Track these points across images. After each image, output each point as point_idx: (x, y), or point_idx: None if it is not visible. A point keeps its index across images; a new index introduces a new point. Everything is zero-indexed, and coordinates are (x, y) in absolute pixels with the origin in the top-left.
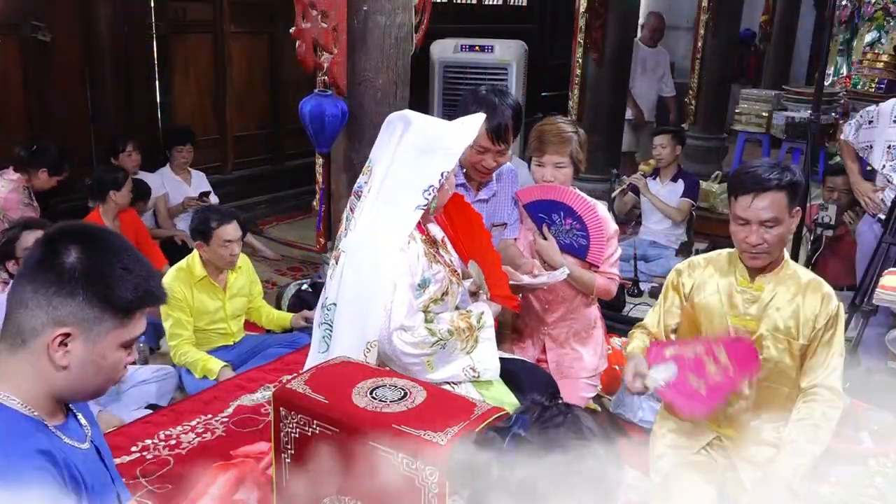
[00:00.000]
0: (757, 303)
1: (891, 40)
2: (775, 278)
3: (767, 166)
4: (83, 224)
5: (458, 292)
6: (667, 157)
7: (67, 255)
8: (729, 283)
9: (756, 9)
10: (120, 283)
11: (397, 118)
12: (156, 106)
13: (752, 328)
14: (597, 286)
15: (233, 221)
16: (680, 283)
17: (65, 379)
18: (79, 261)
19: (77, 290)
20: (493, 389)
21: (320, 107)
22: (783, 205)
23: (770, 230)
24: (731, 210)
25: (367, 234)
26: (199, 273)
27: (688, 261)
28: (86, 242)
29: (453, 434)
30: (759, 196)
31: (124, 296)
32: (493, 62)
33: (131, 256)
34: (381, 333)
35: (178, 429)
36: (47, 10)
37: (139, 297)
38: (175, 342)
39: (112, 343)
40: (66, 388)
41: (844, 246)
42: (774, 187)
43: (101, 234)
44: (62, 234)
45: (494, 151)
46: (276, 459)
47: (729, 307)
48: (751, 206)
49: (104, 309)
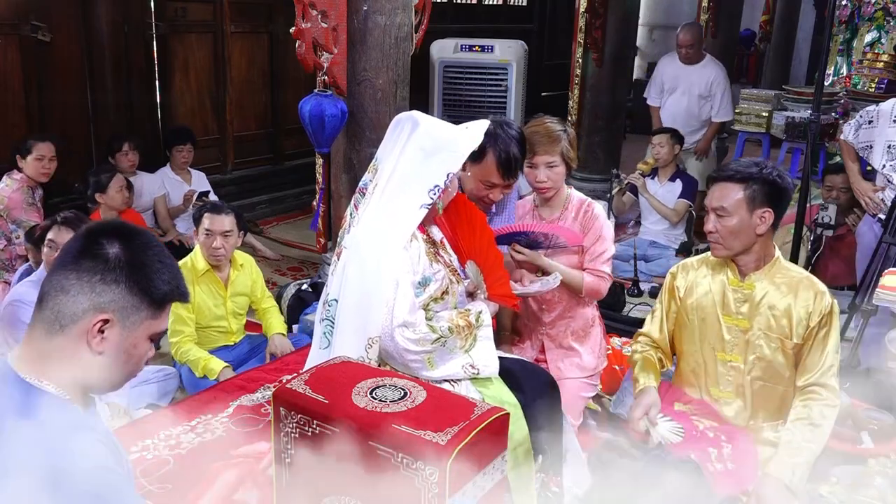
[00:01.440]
0: (748, 301)
1: (891, 40)
2: (766, 276)
3: (742, 162)
4: (120, 221)
5: (458, 291)
6: (665, 156)
7: (111, 246)
8: (721, 282)
9: (756, 9)
10: (158, 275)
11: (406, 118)
12: (156, 106)
13: (745, 327)
14: (585, 284)
15: (221, 214)
16: (674, 286)
17: (98, 365)
18: (122, 251)
19: (121, 279)
20: (493, 388)
21: (320, 107)
22: (737, 198)
23: (721, 220)
24: None
25: (371, 231)
26: (201, 267)
27: (682, 262)
28: (125, 236)
29: (453, 434)
30: (715, 184)
31: (161, 287)
32: (493, 62)
33: (164, 252)
34: (384, 330)
35: (178, 429)
36: (47, 10)
37: (172, 290)
38: (176, 339)
39: (144, 333)
40: (96, 376)
41: (844, 246)
42: (727, 178)
43: (137, 229)
44: (103, 228)
45: (502, 186)
46: (276, 459)
47: (721, 307)
48: (709, 193)
49: (142, 298)
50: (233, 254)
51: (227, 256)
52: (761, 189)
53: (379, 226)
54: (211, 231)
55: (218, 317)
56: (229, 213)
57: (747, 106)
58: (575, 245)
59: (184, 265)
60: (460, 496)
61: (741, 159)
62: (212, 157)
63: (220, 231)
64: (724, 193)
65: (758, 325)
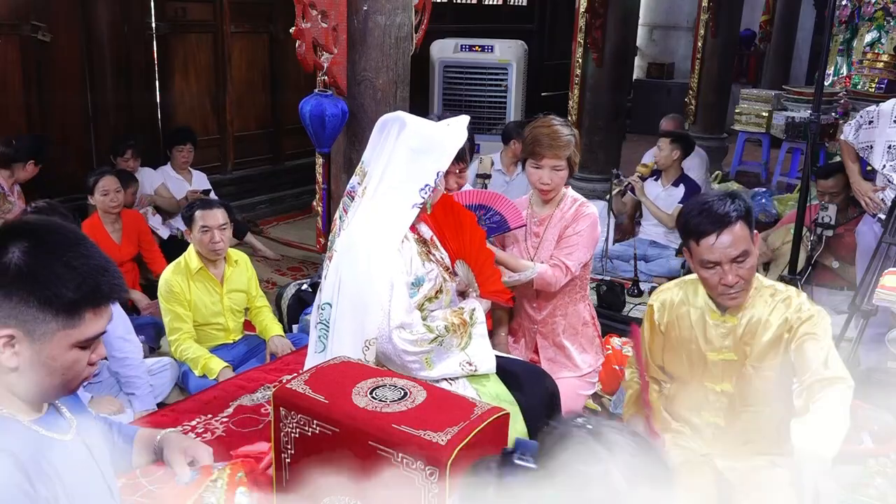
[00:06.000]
0: (732, 334)
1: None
2: (747, 304)
3: (717, 200)
4: (36, 220)
5: (452, 289)
6: (663, 159)
7: (8, 254)
8: (702, 315)
9: (756, 9)
10: (58, 283)
11: (392, 119)
12: (156, 106)
13: (732, 358)
14: (538, 274)
15: (213, 208)
16: (655, 321)
17: (18, 380)
18: (18, 260)
19: (12, 292)
20: (490, 385)
21: (320, 107)
22: (747, 235)
23: (742, 265)
24: (692, 257)
25: (363, 234)
26: (195, 265)
27: (659, 293)
28: (31, 240)
29: (453, 434)
30: (722, 233)
31: (65, 295)
32: (493, 62)
33: (80, 252)
34: (381, 332)
35: (178, 429)
36: (47, 10)
37: (84, 296)
38: (175, 336)
39: (61, 344)
40: (23, 389)
41: (844, 246)
42: (734, 220)
43: (51, 230)
44: (8, 231)
45: (455, 173)
46: (276, 459)
47: (705, 342)
48: (715, 246)
49: (43, 310)
50: (227, 251)
51: (226, 249)
52: (748, 214)
53: (371, 228)
54: (208, 226)
55: (215, 313)
56: (220, 206)
57: (747, 106)
58: (516, 226)
59: (177, 265)
60: (460, 496)
61: (707, 199)
62: (212, 157)
63: (216, 225)
64: (738, 237)
65: (744, 357)
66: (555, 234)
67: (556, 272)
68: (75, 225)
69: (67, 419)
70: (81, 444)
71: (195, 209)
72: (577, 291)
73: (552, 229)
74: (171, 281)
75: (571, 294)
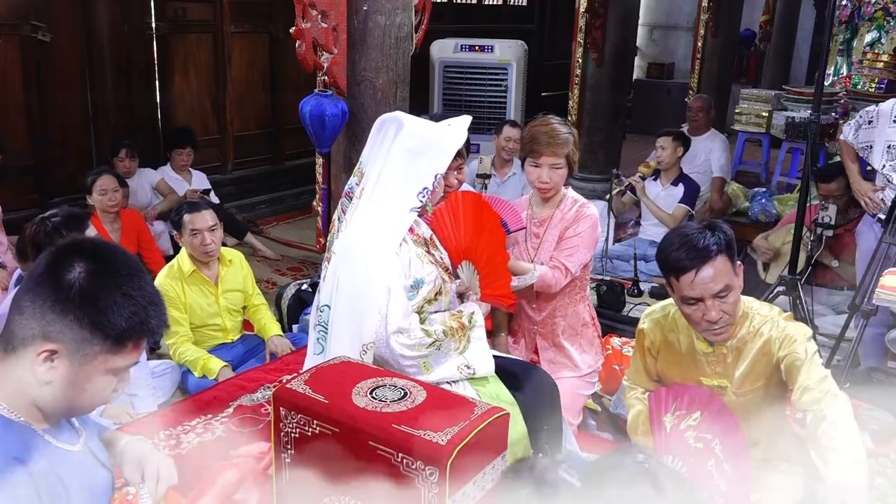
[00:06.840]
0: (722, 362)
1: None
2: (736, 334)
3: (696, 233)
4: (100, 242)
5: (452, 290)
6: (667, 159)
7: (71, 270)
8: (690, 342)
9: (756, 9)
10: (114, 310)
11: (390, 119)
12: (156, 106)
13: (725, 384)
14: (538, 276)
15: (201, 210)
16: (645, 346)
17: (48, 394)
18: (80, 278)
19: (69, 309)
20: (490, 386)
21: (320, 107)
22: (728, 268)
23: (725, 300)
24: (673, 292)
25: (360, 236)
26: (187, 268)
27: (648, 315)
28: (94, 261)
29: (453, 434)
30: (702, 269)
31: (116, 323)
32: (493, 62)
33: (137, 283)
34: (378, 337)
35: (178, 429)
36: (47, 10)
37: (132, 327)
38: (172, 340)
39: (100, 367)
40: (48, 403)
41: (844, 246)
42: (715, 254)
43: (113, 254)
44: (72, 247)
45: (454, 168)
46: (276, 459)
47: (695, 369)
48: (695, 282)
49: (93, 332)
50: (220, 251)
51: (217, 250)
52: (729, 247)
53: (368, 230)
54: (197, 229)
55: (212, 314)
56: (207, 207)
57: (747, 106)
58: (515, 229)
59: (170, 268)
60: (460, 496)
61: (685, 232)
62: (212, 157)
63: (205, 227)
64: (720, 271)
65: (737, 384)
66: (555, 235)
67: (556, 274)
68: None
69: (76, 429)
70: (88, 452)
71: (183, 213)
72: (576, 292)
73: (552, 230)
74: (164, 285)
75: (571, 295)
